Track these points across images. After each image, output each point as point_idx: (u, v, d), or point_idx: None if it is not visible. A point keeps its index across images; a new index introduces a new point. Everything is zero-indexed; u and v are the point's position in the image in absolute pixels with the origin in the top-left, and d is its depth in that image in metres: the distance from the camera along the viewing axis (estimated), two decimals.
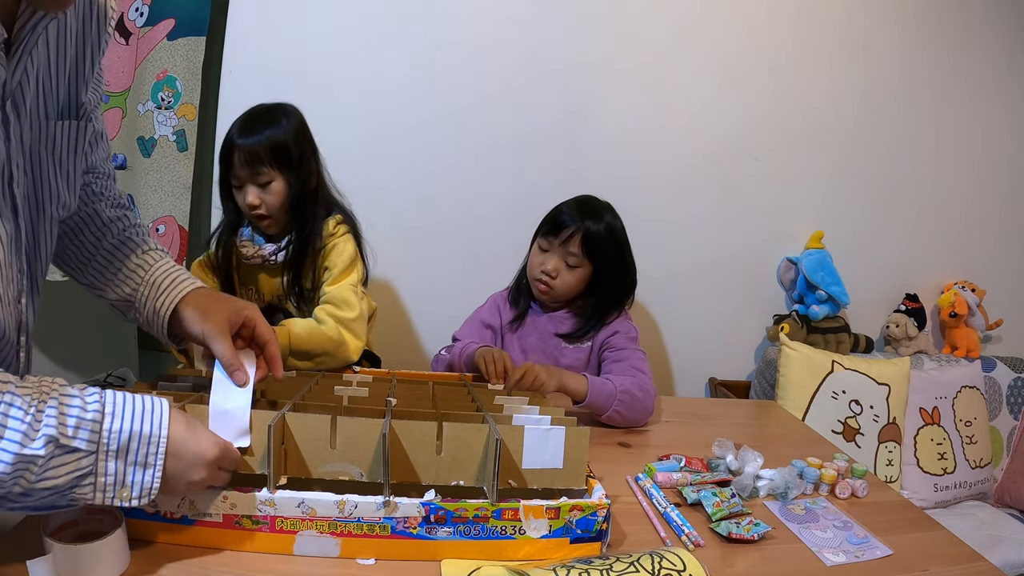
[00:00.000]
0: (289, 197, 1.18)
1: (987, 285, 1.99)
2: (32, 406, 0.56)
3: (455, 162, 1.72)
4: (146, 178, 1.54)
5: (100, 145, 0.86)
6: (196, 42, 1.52)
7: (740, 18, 1.76)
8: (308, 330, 1.13)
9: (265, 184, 1.15)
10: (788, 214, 1.89)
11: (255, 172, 1.14)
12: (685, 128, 1.79)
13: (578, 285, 1.33)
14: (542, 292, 1.35)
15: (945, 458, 1.72)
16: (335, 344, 1.14)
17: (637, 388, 1.20)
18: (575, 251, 1.29)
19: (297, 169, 1.18)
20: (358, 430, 0.73)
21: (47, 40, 0.66)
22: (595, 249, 1.30)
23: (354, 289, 1.19)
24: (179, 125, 1.53)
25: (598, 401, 1.17)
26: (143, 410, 0.61)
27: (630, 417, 1.19)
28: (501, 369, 1.14)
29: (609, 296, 1.36)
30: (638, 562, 0.67)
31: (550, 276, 1.31)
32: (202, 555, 0.68)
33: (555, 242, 1.31)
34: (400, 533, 0.69)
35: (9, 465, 0.54)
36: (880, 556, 0.82)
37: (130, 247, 0.85)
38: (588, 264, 1.31)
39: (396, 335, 1.75)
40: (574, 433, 0.76)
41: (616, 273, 1.34)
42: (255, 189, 1.15)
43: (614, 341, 1.33)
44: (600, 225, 1.30)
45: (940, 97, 1.91)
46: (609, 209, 1.36)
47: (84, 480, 0.58)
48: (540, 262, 1.33)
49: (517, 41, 1.68)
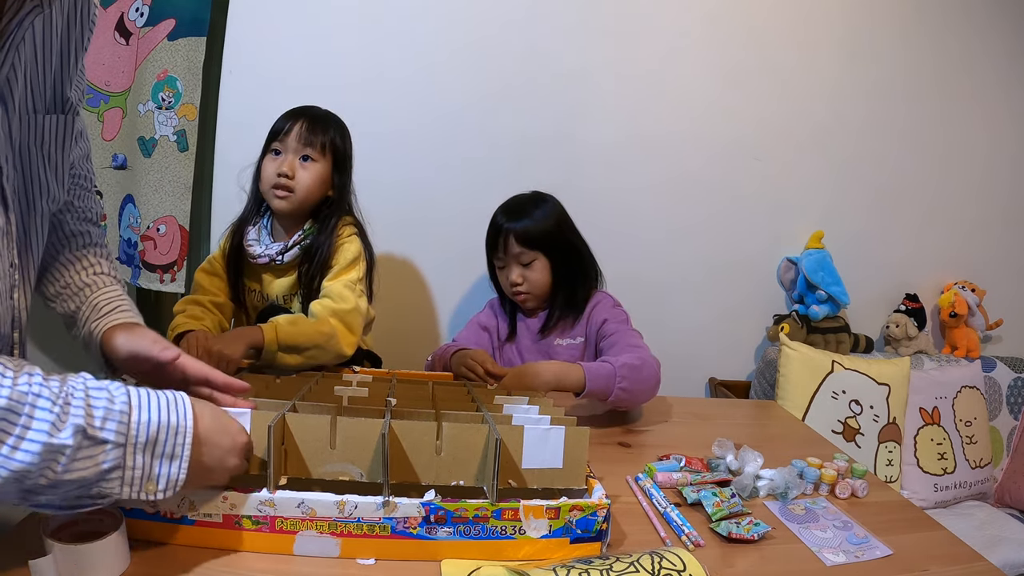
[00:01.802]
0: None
1: (987, 285, 2.00)
2: (60, 396, 0.55)
3: (456, 162, 1.72)
4: (146, 178, 1.54)
5: (80, 143, 0.86)
6: (196, 42, 1.52)
7: (741, 19, 1.76)
8: (294, 323, 1.11)
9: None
10: (788, 214, 1.89)
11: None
12: (686, 129, 1.79)
13: (545, 275, 1.35)
14: (523, 302, 1.38)
15: (945, 458, 1.72)
16: (325, 337, 1.11)
17: (635, 359, 1.16)
18: (518, 250, 1.33)
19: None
20: (358, 430, 0.73)
21: (33, 35, 0.66)
22: (533, 239, 1.32)
23: (351, 285, 1.18)
24: (179, 125, 1.53)
25: (599, 385, 1.13)
26: (167, 402, 0.61)
27: (637, 391, 1.15)
28: (483, 372, 1.15)
29: (572, 280, 1.36)
30: (638, 562, 0.67)
31: (518, 284, 1.34)
32: (202, 555, 0.68)
33: (502, 254, 1.36)
34: (400, 533, 0.69)
35: (37, 456, 0.53)
36: (880, 556, 0.82)
37: (83, 264, 0.84)
38: (539, 255, 1.33)
39: (396, 335, 1.75)
40: (574, 433, 0.76)
41: (567, 254, 1.36)
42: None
43: (607, 328, 1.33)
44: (521, 216, 1.34)
45: (941, 97, 1.91)
46: (533, 198, 1.39)
47: (112, 473, 0.58)
48: (505, 278, 1.37)
49: (518, 43, 1.68)
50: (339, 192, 1.24)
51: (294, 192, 1.18)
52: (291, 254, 1.20)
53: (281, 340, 1.08)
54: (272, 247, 1.21)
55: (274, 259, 1.20)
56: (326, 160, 1.20)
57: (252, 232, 1.24)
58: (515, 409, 0.89)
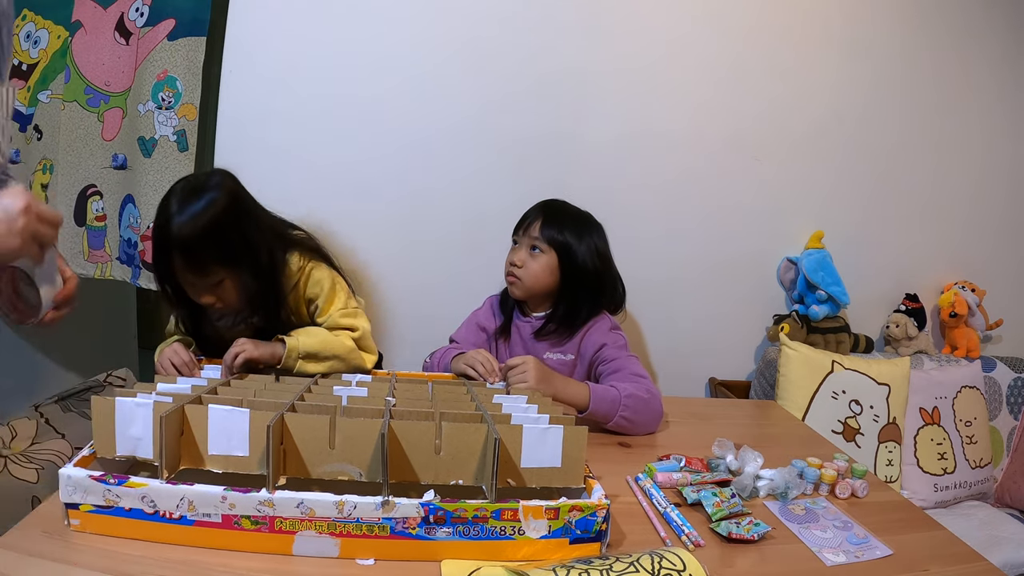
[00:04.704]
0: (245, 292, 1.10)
1: (987, 285, 1.99)
2: None
3: (455, 162, 1.71)
4: (146, 178, 1.54)
5: None
6: (196, 42, 1.52)
7: (740, 19, 1.76)
8: (317, 334, 1.12)
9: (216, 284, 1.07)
10: (788, 214, 1.89)
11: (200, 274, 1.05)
12: (685, 129, 1.79)
13: (543, 273, 1.32)
14: (511, 284, 1.36)
15: (945, 458, 1.72)
16: (347, 350, 1.13)
17: (643, 391, 1.17)
18: (536, 234, 1.32)
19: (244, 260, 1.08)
20: (357, 430, 0.73)
21: None
22: (556, 232, 1.32)
23: (347, 312, 1.18)
24: (179, 125, 1.53)
25: (601, 409, 1.14)
26: None
27: (638, 422, 1.16)
28: (491, 368, 1.15)
29: (579, 294, 1.33)
30: (638, 562, 0.67)
31: (516, 266, 1.33)
32: (201, 556, 0.68)
33: (521, 234, 1.36)
34: (399, 533, 0.69)
35: None
36: (880, 556, 0.82)
37: None
38: (551, 251, 1.32)
39: (395, 336, 1.75)
40: (572, 432, 0.76)
41: (581, 265, 1.32)
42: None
43: (605, 353, 1.30)
44: (558, 206, 1.37)
45: (941, 97, 1.91)
46: (579, 212, 1.39)
47: None
48: (509, 258, 1.37)
49: (518, 43, 1.68)
50: (256, 273, 1.09)
51: (225, 314, 1.14)
52: (252, 321, 1.16)
53: (303, 347, 1.08)
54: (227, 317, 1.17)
55: (237, 321, 1.16)
56: (228, 269, 1.06)
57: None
58: (514, 408, 0.89)
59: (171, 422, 0.71)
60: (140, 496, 0.68)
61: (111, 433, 0.74)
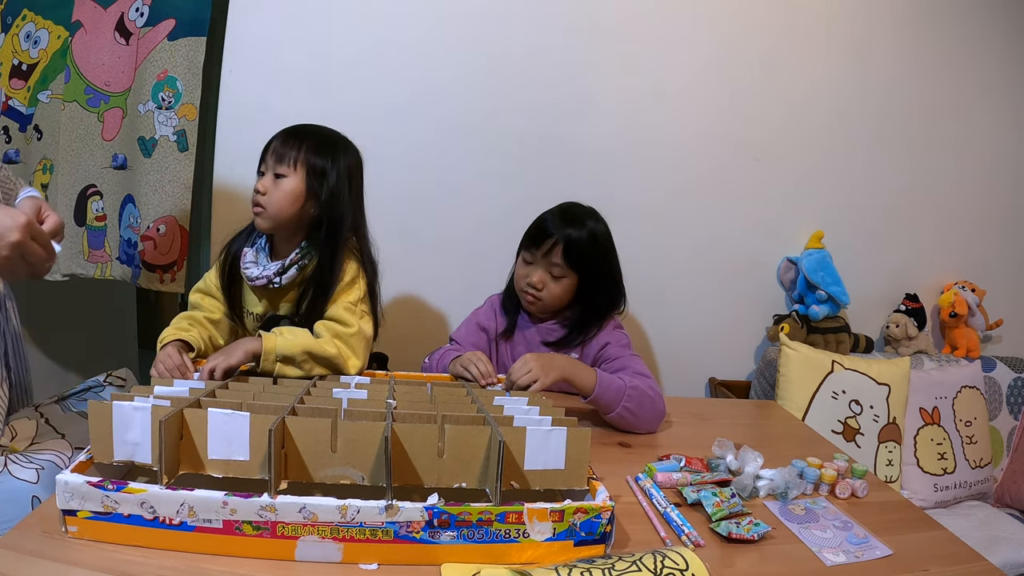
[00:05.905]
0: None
1: (987, 285, 2.00)
2: None
3: (456, 162, 1.71)
4: (147, 178, 1.54)
5: None
6: (196, 42, 1.51)
7: (740, 18, 1.76)
8: (296, 334, 1.09)
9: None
10: (788, 214, 1.89)
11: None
12: (685, 129, 1.79)
13: (565, 295, 1.31)
14: (530, 303, 1.33)
15: (945, 458, 1.73)
16: (327, 357, 1.10)
17: (647, 387, 1.17)
18: (558, 261, 1.27)
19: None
20: (359, 433, 0.72)
21: None
22: (578, 258, 1.27)
23: (351, 307, 1.16)
24: (180, 125, 1.53)
25: (606, 397, 1.13)
26: None
27: (640, 416, 1.15)
28: (485, 369, 1.14)
29: (595, 305, 1.33)
30: (640, 561, 0.67)
31: (536, 288, 1.29)
32: (202, 562, 0.67)
33: (538, 254, 1.29)
34: (403, 538, 0.69)
35: None
36: (880, 556, 0.82)
37: None
38: (573, 274, 1.29)
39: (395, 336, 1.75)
40: (575, 434, 0.76)
41: (601, 281, 1.31)
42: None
43: (609, 352, 1.30)
44: (582, 232, 1.28)
45: (941, 97, 1.91)
46: (592, 215, 1.33)
47: None
48: (525, 274, 1.31)
49: (518, 43, 1.68)
50: (326, 209, 1.16)
51: (266, 209, 1.14)
52: (288, 276, 1.16)
53: (280, 350, 1.06)
54: (270, 267, 1.17)
55: (271, 281, 1.16)
56: (297, 176, 1.13)
57: (250, 254, 1.19)
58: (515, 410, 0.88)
59: (170, 426, 0.70)
60: (139, 502, 0.67)
61: (108, 438, 0.73)
